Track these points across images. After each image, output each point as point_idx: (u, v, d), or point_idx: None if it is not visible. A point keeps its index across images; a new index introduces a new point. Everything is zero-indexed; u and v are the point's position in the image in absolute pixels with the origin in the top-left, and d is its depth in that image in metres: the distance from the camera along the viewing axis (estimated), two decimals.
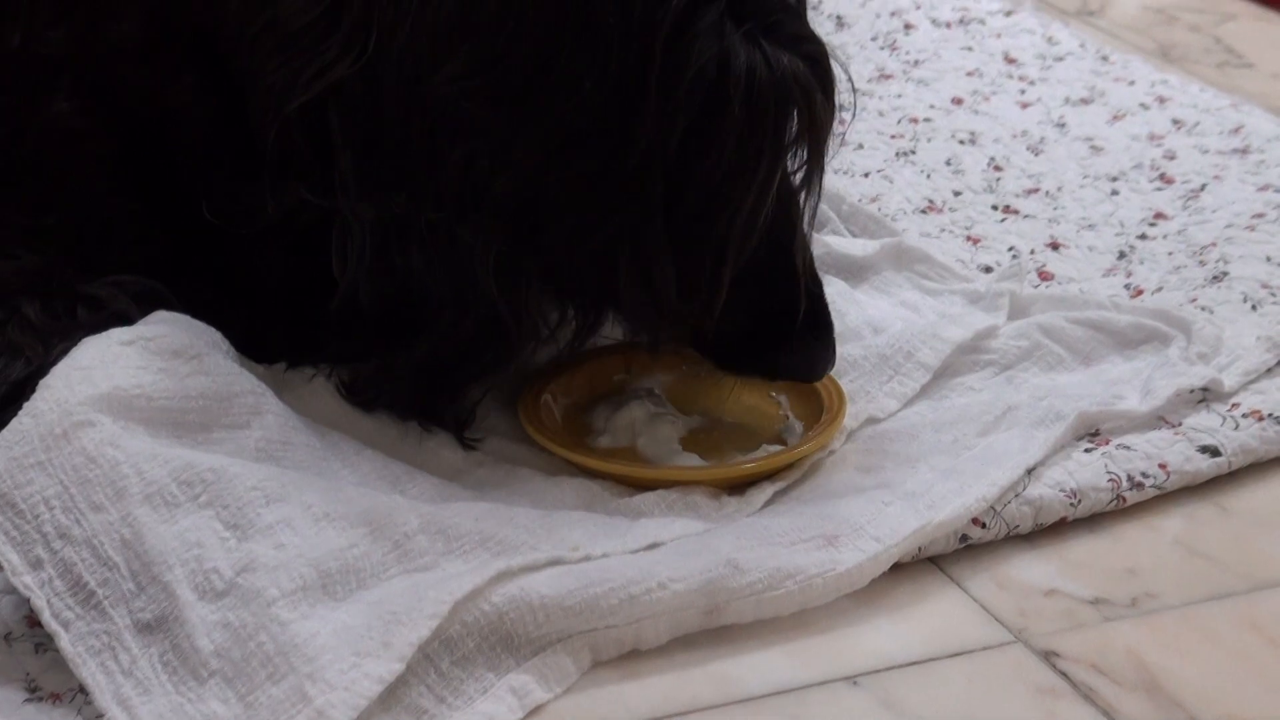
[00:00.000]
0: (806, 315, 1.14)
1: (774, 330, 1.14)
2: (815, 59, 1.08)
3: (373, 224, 1.07)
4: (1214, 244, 1.42)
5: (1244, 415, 1.19)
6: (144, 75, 1.14)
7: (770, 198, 1.07)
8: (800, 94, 1.06)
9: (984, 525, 1.09)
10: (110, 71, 1.15)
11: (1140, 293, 1.35)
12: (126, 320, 1.08)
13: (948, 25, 1.90)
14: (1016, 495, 1.11)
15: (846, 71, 1.11)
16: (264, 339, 1.13)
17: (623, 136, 1.04)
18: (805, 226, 1.13)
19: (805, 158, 1.10)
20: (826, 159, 1.11)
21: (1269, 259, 1.39)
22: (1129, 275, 1.38)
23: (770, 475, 1.12)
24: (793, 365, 1.16)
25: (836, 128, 1.11)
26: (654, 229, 1.06)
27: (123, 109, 1.15)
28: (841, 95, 1.11)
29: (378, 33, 1.05)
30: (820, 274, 1.37)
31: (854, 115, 1.64)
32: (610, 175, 1.05)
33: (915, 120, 1.66)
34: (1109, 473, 1.13)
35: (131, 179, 1.15)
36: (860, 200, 1.48)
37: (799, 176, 1.11)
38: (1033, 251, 1.42)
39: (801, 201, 1.12)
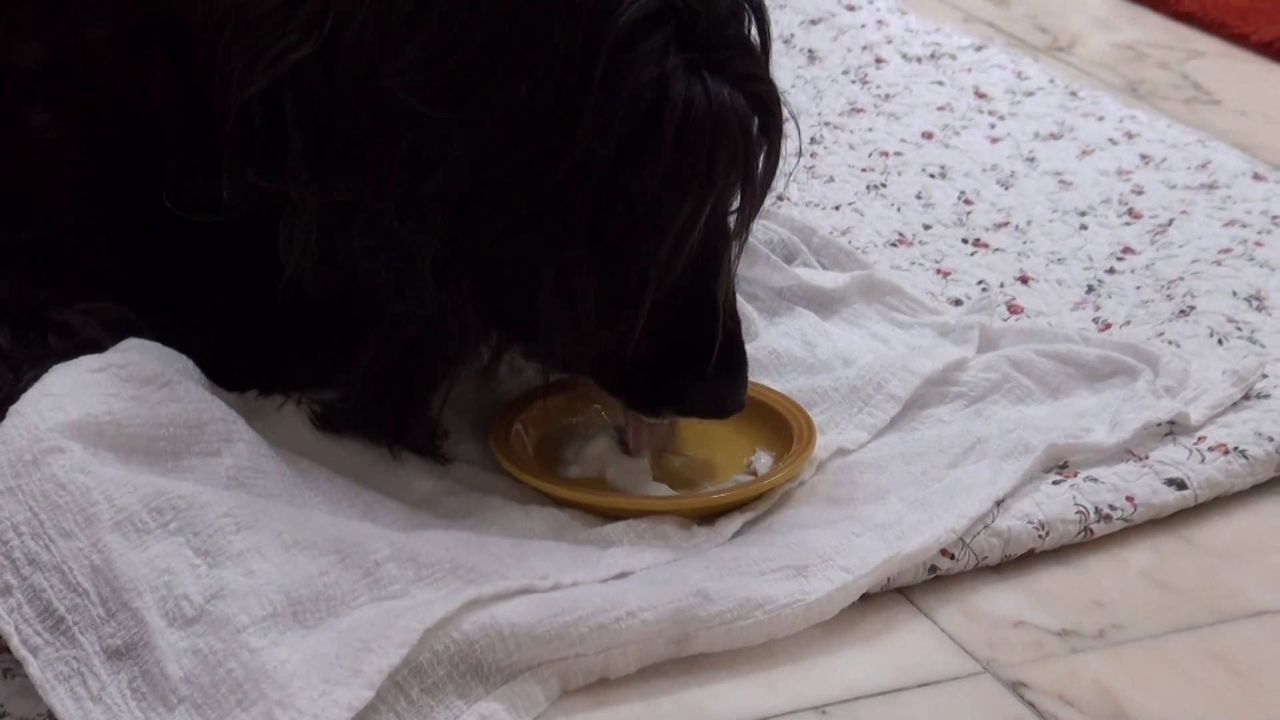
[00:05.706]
0: (721, 351, 1.12)
1: (687, 365, 1.12)
2: (762, 100, 1.07)
3: (318, 210, 1.07)
4: (1181, 278, 1.43)
5: (1210, 449, 1.20)
6: (118, 75, 1.14)
7: (697, 230, 1.06)
8: (738, 132, 1.05)
9: (953, 556, 1.10)
10: (85, 76, 1.15)
11: (1108, 326, 1.36)
12: (98, 347, 1.08)
13: (918, 60, 1.91)
14: (985, 527, 1.11)
15: (796, 123, 1.10)
16: (230, 356, 1.13)
17: (556, 146, 1.03)
18: (733, 264, 1.12)
19: (739, 200, 1.09)
20: (761, 204, 1.10)
21: (1235, 294, 1.40)
22: (1097, 309, 1.39)
23: (740, 505, 1.12)
24: (702, 400, 1.14)
25: (781, 174, 1.09)
26: (578, 242, 1.05)
27: (97, 112, 1.15)
28: (787, 141, 1.09)
29: (334, 19, 1.05)
30: (791, 305, 1.37)
31: (824, 149, 1.65)
32: (540, 183, 1.04)
33: (886, 154, 1.67)
34: (1077, 505, 1.14)
35: (104, 186, 1.15)
36: (831, 233, 1.49)
37: (735, 218, 1.10)
38: (1002, 285, 1.43)
39: (732, 241, 1.11)
